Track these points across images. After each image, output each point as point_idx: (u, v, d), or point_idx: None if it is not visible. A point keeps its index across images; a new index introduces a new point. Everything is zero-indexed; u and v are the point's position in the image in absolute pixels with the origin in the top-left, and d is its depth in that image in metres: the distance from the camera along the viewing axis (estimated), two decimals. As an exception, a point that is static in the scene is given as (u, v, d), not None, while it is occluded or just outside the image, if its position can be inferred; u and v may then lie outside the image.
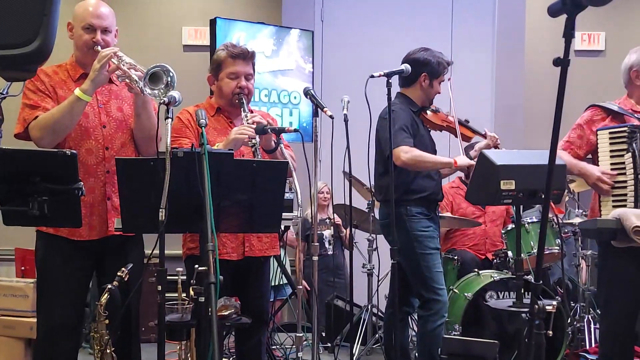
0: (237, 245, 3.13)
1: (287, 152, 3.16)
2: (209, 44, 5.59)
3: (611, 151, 3.32)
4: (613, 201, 3.28)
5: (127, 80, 2.92)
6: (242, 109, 3.12)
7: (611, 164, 3.31)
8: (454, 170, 3.83)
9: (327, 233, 5.57)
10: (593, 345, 4.61)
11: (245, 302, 3.09)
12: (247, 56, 3.17)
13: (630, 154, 3.24)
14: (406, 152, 3.59)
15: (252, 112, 3.21)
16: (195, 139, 3.02)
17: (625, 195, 3.25)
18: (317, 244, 3.18)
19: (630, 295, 3.26)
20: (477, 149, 3.89)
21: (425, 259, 3.72)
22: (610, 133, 3.33)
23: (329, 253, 5.53)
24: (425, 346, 3.76)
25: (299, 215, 2.99)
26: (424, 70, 3.78)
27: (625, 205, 3.21)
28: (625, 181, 3.25)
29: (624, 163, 3.27)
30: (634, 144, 3.23)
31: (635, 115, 3.39)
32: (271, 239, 3.24)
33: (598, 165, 3.36)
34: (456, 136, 3.91)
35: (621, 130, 3.29)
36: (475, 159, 3.54)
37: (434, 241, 3.76)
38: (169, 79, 2.77)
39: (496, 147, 3.89)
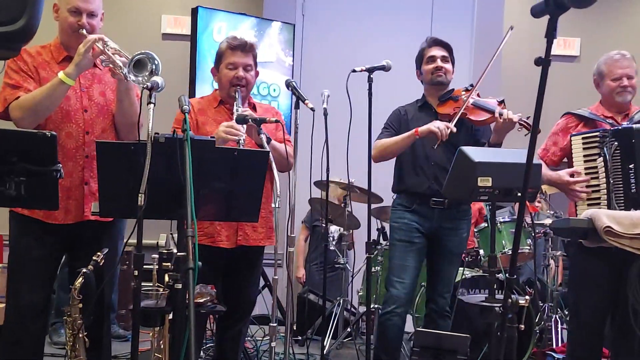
0: (231, 233, 3.15)
1: (281, 146, 3.15)
2: (189, 33, 5.56)
3: (584, 156, 3.39)
4: (588, 205, 3.34)
5: (110, 66, 2.91)
6: (235, 103, 3.13)
7: (585, 168, 3.38)
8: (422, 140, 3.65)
9: (333, 229, 5.53)
10: (560, 344, 4.69)
11: (231, 290, 3.10)
12: (245, 47, 3.22)
13: (602, 158, 3.31)
14: (373, 148, 3.66)
15: (253, 105, 3.24)
16: (193, 129, 3.04)
17: (599, 198, 3.32)
18: (294, 235, 3.20)
19: (599, 296, 3.32)
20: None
21: (391, 248, 3.79)
22: (583, 138, 3.41)
23: (330, 248, 5.46)
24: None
25: (277, 207, 3.00)
26: (416, 68, 3.86)
27: (599, 209, 3.27)
28: (598, 185, 3.33)
29: (597, 167, 3.34)
30: (604, 148, 3.30)
31: (607, 120, 3.48)
32: (267, 229, 3.26)
33: None
34: (472, 122, 3.69)
35: (593, 135, 3.37)
36: (452, 123, 3.49)
37: (401, 233, 3.71)
38: (154, 67, 2.76)
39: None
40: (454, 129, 3.50)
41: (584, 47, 6.31)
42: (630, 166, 3.23)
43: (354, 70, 3.41)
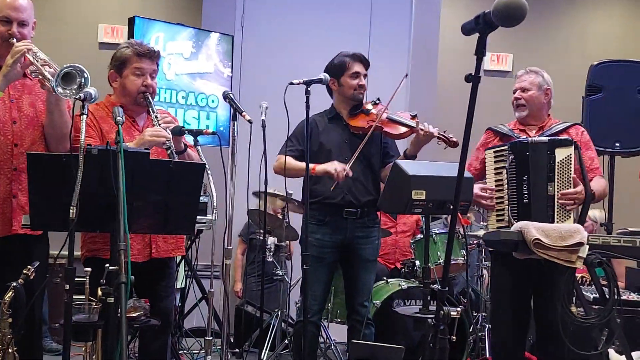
0: (143, 246, 3.08)
1: (194, 154, 3.15)
2: (126, 42, 5.49)
3: (495, 169, 3.52)
4: (496, 216, 3.48)
5: (40, 77, 2.84)
6: (150, 109, 3.07)
7: (495, 181, 3.50)
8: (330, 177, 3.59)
9: (270, 240, 5.49)
10: (493, 353, 4.79)
11: (151, 304, 3.05)
12: (153, 55, 3.13)
13: (505, 170, 3.44)
14: (275, 161, 3.68)
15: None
16: (98, 137, 2.98)
17: (504, 210, 3.44)
18: (231, 247, 3.19)
19: (515, 304, 3.46)
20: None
21: (303, 259, 3.54)
22: (494, 152, 3.53)
23: (268, 260, 5.40)
24: None
25: (214, 219, 2.99)
26: (329, 76, 3.73)
27: (504, 220, 3.43)
28: (502, 197, 3.46)
29: (502, 180, 3.46)
30: (507, 162, 3.44)
31: (516, 134, 3.60)
32: (177, 240, 3.20)
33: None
34: (388, 135, 3.74)
35: (501, 149, 3.49)
36: (349, 165, 3.52)
37: (312, 249, 3.57)
38: (83, 81, 2.68)
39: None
40: (350, 173, 3.55)
41: (516, 63, 6.54)
42: (524, 178, 3.38)
43: (291, 83, 3.41)
